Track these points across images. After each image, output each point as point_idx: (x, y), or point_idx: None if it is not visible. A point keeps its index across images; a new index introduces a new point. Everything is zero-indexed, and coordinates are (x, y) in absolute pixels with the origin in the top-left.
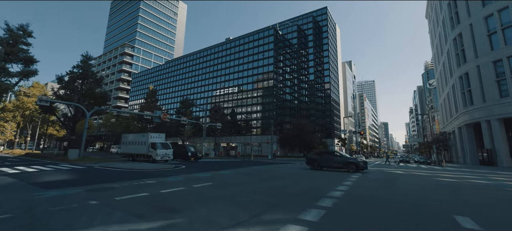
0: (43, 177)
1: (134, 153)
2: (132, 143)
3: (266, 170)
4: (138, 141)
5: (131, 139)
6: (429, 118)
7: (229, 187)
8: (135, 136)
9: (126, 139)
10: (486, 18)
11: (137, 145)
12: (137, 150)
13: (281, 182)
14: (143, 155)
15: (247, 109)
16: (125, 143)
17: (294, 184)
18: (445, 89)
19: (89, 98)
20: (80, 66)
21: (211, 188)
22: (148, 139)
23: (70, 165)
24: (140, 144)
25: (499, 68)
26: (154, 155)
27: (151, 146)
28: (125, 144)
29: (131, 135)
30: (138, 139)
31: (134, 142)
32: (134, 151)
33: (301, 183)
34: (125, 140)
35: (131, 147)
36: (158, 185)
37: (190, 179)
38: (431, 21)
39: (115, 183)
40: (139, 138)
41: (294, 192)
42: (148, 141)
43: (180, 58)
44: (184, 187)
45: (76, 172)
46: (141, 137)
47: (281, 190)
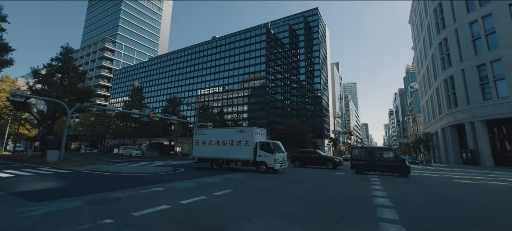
0: (25, 185)
1: (224, 157)
2: (220, 143)
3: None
4: (231, 139)
5: (218, 136)
6: (410, 119)
7: (257, 195)
8: (224, 131)
9: (205, 135)
10: (470, 24)
11: (230, 146)
12: (230, 153)
13: (305, 185)
14: (242, 161)
15: (238, 109)
16: (204, 142)
17: (321, 188)
18: (428, 92)
19: (70, 94)
20: (60, 59)
21: (236, 196)
22: (252, 136)
23: (51, 169)
24: (237, 143)
25: (483, 72)
26: (271, 161)
27: (261, 147)
28: (203, 144)
29: (218, 130)
30: (232, 136)
31: (223, 140)
32: (223, 155)
33: (325, 186)
34: (204, 138)
35: (216, 149)
36: (171, 194)
37: (202, 185)
38: (415, 26)
39: (118, 192)
40: (234, 134)
41: (334, 199)
42: (253, 139)
43: (167, 55)
44: (205, 196)
45: (63, 178)
46: (238, 133)
47: (316, 196)
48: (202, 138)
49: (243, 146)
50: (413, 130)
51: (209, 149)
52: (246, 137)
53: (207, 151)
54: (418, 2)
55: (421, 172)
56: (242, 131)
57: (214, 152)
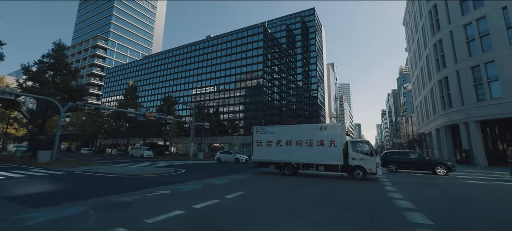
0: (19, 188)
1: (301, 161)
2: (293, 143)
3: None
4: (309, 139)
5: (290, 134)
6: (403, 120)
7: (271, 198)
8: (298, 129)
9: (271, 134)
10: (465, 26)
11: (308, 147)
12: (310, 156)
13: (317, 188)
14: (326, 165)
15: (234, 109)
16: (269, 142)
17: (332, 190)
18: (422, 93)
19: (62, 93)
20: (52, 55)
21: (250, 200)
22: (340, 135)
23: (43, 170)
24: (318, 143)
25: (477, 73)
26: (372, 166)
27: (354, 148)
28: (269, 145)
29: (289, 128)
30: (311, 135)
31: (298, 140)
32: (299, 158)
33: (337, 188)
34: (269, 137)
35: (289, 151)
36: (180, 197)
37: (209, 187)
38: (409, 28)
39: (123, 195)
40: (313, 132)
41: (353, 202)
42: (341, 138)
43: (161, 54)
44: (218, 200)
45: (59, 180)
46: (318, 131)
47: (332, 199)
48: (267, 137)
49: (328, 147)
50: (406, 130)
51: (278, 151)
52: (331, 135)
53: (274, 153)
54: (412, 4)
55: (423, 171)
56: (325, 128)
57: (286, 154)
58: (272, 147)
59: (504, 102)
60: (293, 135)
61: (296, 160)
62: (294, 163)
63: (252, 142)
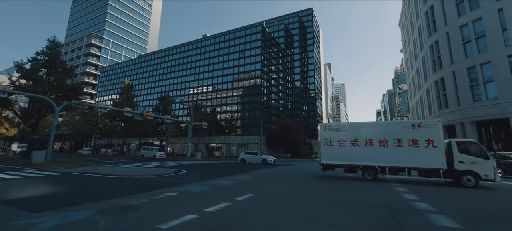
0: (16, 190)
1: (387, 164)
2: (375, 142)
3: (284, 172)
4: (398, 138)
5: (370, 132)
6: (398, 120)
7: (283, 200)
8: (382, 126)
9: (344, 132)
10: (461, 28)
11: (396, 148)
12: (398, 158)
13: (326, 189)
14: (422, 170)
15: (232, 108)
16: (341, 142)
17: (343, 191)
18: (418, 93)
19: (57, 91)
20: (46, 53)
21: (262, 202)
22: (438, 133)
23: (39, 171)
24: (409, 143)
25: (473, 74)
26: (488, 171)
27: (462, 150)
28: (341, 144)
29: (369, 125)
30: (399, 133)
31: (382, 139)
32: (384, 161)
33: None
34: (341, 135)
35: (370, 152)
36: (189, 200)
37: (216, 188)
38: (405, 29)
39: (128, 198)
40: (403, 130)
41: (369, 203)
42: (440, 139)
43: (157, 52)
44: (229, 202)
45: (57, 182)
46: (410, 130)
47: (346, 200)
48: (338, 136)
49: (424, 148)
50: None
51: (354, 152)
52: (427, 133)
53: (349, 154)
54: (408, 6)
55: None
56: (418, 126)
57: (366, 156)
58: (346, 147)
59: (499, 102)
60: (375, 133)
61: (381, 163)
62: (377, 166)
63: (320, 142)
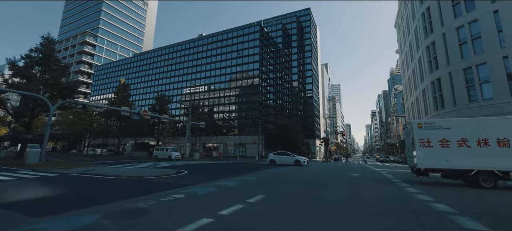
0: (11, 193)
1: (507, 168)
2: (492, 142)
3: (287, 173)
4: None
5: (482, 131)
6: (394, 120)
7: (296, 202)
8: (499, 123)
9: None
10: (457, 29)
11: None
12: None
13: (335, 191)
14: None
15: (229, 108)
16: (444, 143)
17: (354, 190)
18: (414, 94)
19: (52, 89)
20: (40, 50)
21: (274, 203)
22: None
23: (34, 172)
24: None
25: (469, 75)
26: None
27: None
28: (444, 145)
29: (476, 121)
30: None
31: (501, 139)
32: (505, 165)
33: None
34: (443, 135)
35: (486, 153)
36: (197, 202)
37: (223, 189)
38: (401, 30)
39: (135, 200)
40: None
41: (384, 204)
42: None
43: (153, 51)
44: (241, 204)
45: (55, 183)
46: None
47: (360, 201)
48: (440, 135)
49: None
50: (396, 130)
51: (463, 154)
52: None
53: (456, 156)
54: (405, 7)
55: None
56: None
57: (480, 159)
58: (451, 148)
59: (495, 103)
60: (490, 131)
61: (504, 167)
62: (497, 171)
63: (412, 142)
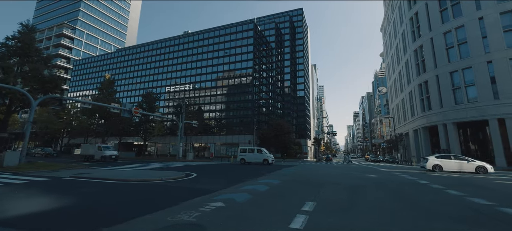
0: (5, 202)
1: None
2: None
3: (302, 174)
4: None
5: None
6: (377, 121)
7: (357, 207)
8: None
9: None
10: (445, 34)
11: None
12: None
13: (378, 193)
14: None
15: (222, 107)
16: None
17: (397, 194)
18: (400, 96)
19: (33, 83)
20: (18, 38)
21: (340, 213)
22: None
23: (16, 176)
24: None
25: (455, 78)
26: None
27: None
28: None
29: None
30: None
31: None
32: None
33: (394, 192)
34: None
35: None
36: (248, 212)
37: (259, 195)
38: (387, 34)
39: (172, 211)
40: None
41: (440, 206)
42: None
43: (140, 46)
44: (304, 215)
45: (50, 190)
46: None
47: (422, 205)
48: None
49: None
50: (380, 131)
51: None
52: None
53: None
54: (392, 12)
55: (427, 172)
56: None
57: None
58: None
59: (479, 106)
60: None
61: None
62: None
63: None
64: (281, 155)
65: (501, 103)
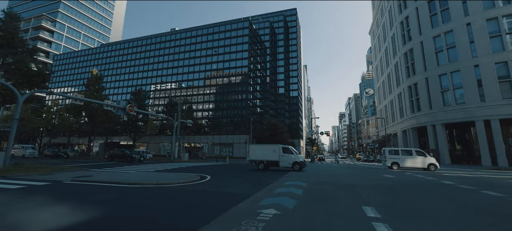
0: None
1: None
2: None
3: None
4: None
5: None
6: (364, 122)
7: (422, 212)
8: None
9: None
10: (434, 38)
11: None
12: None
13: (412, 195)
14: None
15: (216, 106)
16: None
17: (433, 196)
18: (388, 97)
19: (17, 76)
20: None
21: (409, 218)
22: None
23: (7, 180)
24: None
25: (444, 81)
26: None
27: None
28: None
29: None
30: None
31: None
32: None
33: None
34: None
35: None
36: (315, 222)
37: (305, 199)
38: (376, 37)
39: (228, 220)
40: None
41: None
42: None
43: (128, 42)
44: (386, 223)
45: (57, 196)
46: None
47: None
48: None
49: None
50: (367, 132)
51: None
52: None
53: None
54: (381, 15)
55: (426, 172)
56: None
57: None
58: None
59: (467, 107)
60: None
61: None
62: None
63: None
64: None
65: (487, 106)
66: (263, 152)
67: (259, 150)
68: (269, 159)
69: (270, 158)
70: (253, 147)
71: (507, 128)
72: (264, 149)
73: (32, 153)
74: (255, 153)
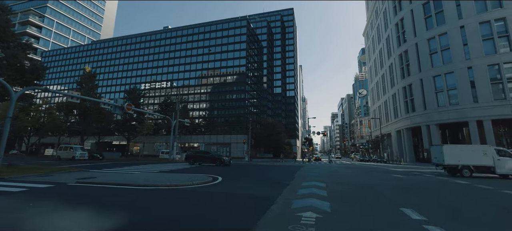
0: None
1: None
2: None
3: (326, 174)
4: None
5: None
6: (357, 122)
7: (464, 215)
8: None
9: None
10: (429, 40)
11: None
12: None
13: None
14: None
15: (213, 106)
16: None
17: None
18: (382, 98)
19: (10, 72)
20: None
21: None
22: None
23: (3, 182)
24: None
25: (438, 82)
26: None
27: None
28: None
29: None
30: None
31: None
32: None
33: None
34: None
35: None
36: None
37: (328, 199)
38: (371, 38)
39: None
40: None
41: None
42: None
43: (121, 39)
44: (441, 229)
45: (73, 201)
46: None
47: None
48: None
49: None
50: (360, 132)
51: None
52: None
53: None
54: (376, 17)
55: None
56: None
57: None
58: None
59: (460, 108)
60: None
61: None
62: None
63: None
64: (273, 154)
65: (480, 107)
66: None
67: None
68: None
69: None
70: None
71: (498, 128)
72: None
73: (82, 154)
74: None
